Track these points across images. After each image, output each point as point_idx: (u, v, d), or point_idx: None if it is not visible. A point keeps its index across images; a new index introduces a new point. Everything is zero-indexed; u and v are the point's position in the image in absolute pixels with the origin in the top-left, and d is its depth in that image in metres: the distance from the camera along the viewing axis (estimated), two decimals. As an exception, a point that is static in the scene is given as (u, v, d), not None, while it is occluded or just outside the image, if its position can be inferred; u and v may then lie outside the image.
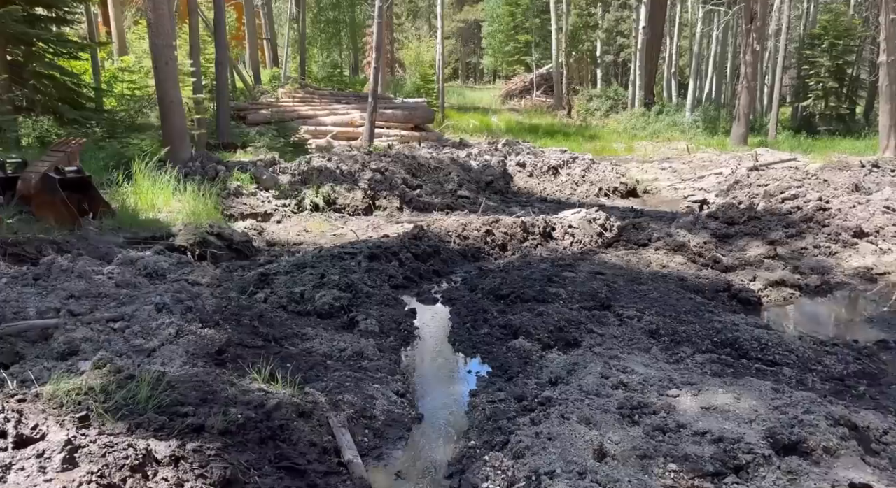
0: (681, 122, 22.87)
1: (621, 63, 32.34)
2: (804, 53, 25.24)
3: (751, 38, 19.56)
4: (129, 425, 2.60)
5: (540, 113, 27.48)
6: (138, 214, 7.47)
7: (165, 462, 2.34)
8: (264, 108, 17.10)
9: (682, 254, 6.66)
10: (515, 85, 33.54)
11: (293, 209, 8.88)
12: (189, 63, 12.36)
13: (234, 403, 2.97)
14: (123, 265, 5.11)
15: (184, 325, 3.77)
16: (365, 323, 4.65)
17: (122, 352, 3.41)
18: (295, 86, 21.36)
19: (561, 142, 17.94)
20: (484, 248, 7.04)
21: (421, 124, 18.07)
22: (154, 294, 4.25)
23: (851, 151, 17.29)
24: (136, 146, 9.97)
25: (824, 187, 8.92)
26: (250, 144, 13.59)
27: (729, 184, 11.51)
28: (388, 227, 8.17)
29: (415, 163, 10.84)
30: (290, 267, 5.58)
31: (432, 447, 3.30)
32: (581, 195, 11.51)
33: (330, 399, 3.37)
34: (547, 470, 2.66)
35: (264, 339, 4.10)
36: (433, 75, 24.65)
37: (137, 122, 12.33)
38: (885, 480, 2.53)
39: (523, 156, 13.03)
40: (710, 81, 26.84)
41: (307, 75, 25.42)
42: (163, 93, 9.67)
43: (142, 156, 8.63)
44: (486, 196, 10.43)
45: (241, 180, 9.00)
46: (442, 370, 4.42)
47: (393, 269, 6.03)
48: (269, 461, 2.73)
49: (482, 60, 43.31)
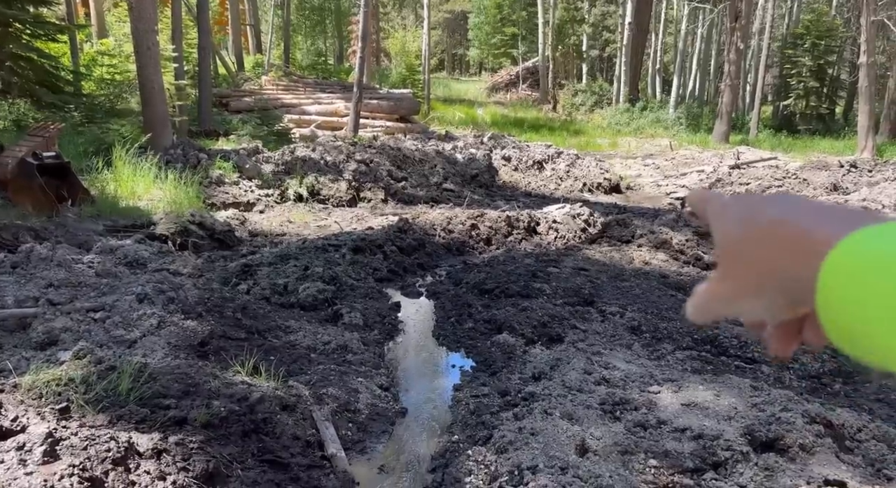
0: (664, 119, 23.06)
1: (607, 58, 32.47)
2: (786, 52, 25.56)
3: (735, 37, 19.75)
4: (110, 417, 2.58)
5: (525, 106, 27.51)
6: (118, 202, 7.35)
7: (148, 455, 2.32)
8: (247, 96, 16.89)
9: (664, 251, 6.73)
10: (501, 78, 33.51)
11: (276, 199, 8.80)
12: (171, 48, 12.15)
13: (217, 396, 2.95)
14: (103, 254, 5.03)
15: (166, 316, 3.73)
16: (349, 316, 4.64)
17: (103, 342, 3.36)
18: (279, 73, 21.12)
19: (546, 137, 17.99)
20: (469, 242, 7.04)
21: (406, 115, 17.98)
22: (135, 284, 4.19)
23: (831, 151, 17.59)
24: (117, 132, 9.79)
25: (804, 187, 9.06)
26: (233, 132, 13.42)
27: (711, 182, 11.65)
28: (373, 220, 8.14)
29: (400, 154, 10.79)
30: (274, 258, 5.54)
31: (416, 441, 3.31)
32: (565, 190, 11.57)
33: (314, 392, 3.37)
34: (529, 465, 2.69)
35: (247, 332, 4.07)
36: (419, 66, 24.52)
37: (117, 108, 12.12)
38: (859, 477, 2.60)
39: (508, 151, 13.05)
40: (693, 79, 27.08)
41: (291, 63, 25.13)
42: (144, 78, 9.49)
43: (122, 143, 8.48)
44: (471, 189, 10.43)
45: (224, 169, 8.89)
46: (426, 364, 4.43)
47: (377, 262, 6.01)
48: (252, 454, 2.72)
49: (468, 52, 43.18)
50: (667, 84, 27.71)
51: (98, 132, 9.92)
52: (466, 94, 30.86)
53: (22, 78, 10.00)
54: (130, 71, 11.79)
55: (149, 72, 9.44)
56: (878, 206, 7.62)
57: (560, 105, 27.48)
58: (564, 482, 2.57)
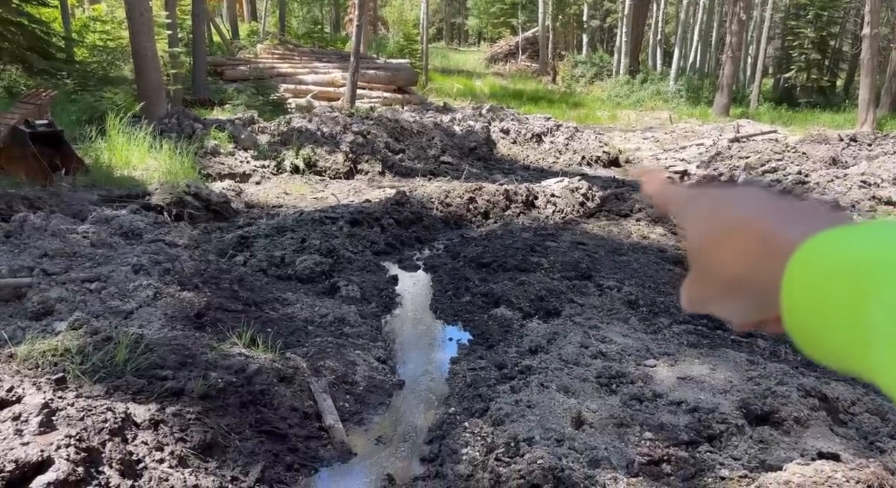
0: (664, 91, 22.80)
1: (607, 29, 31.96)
2: (789, 24, 25.19)
3: (737, 7, 19.42)
4: (107, 388, 2.57)
5: (525, 78, 27.15)
6: (112, 171, 7.27)
7: (145, 426, 2.33)
8: (242, 65, 16.61)
9: (662, 225, 6.71)
10: (500, 48, 32.98)
11: (272, 170, 8.72)
12: (164, 14, 11.88)
13: (214, 367, 2.96)
14: (98, 224, 4.99)
15: (162, 287, 3.72)
16: (346, 289, 4.63)
17: (99, 313, 3.35)
18: (274, 42, 20.74)
19: (545, 109, 17.80)
20: (466, 216, 7.01)
21: (404, 86, 17.73)
22: (131, 254, 4.16)
23: (831, 124, 17.47)
24: (110, 100, 9.63)
25: (804, 160, 9.01)
26: (228, 102, 13.23)
27: (710, 155, 11.58)
28: (370, 192, 8.08)
29: (397, 126, 10.67)
30: (270, 230, 5.50)
31: (413, 413, 3.33)
32: (564, 163, 11.49)
33: (311, 364, 3.37)
34: (526, 437, 2.71)
35: (244, 303, 4.06)
36: (417, 35, 24.10)
37: (111, 75, 11.91)
38: (852, 450, 2.63)
39: (507, 123, 12.91)
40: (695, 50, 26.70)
41: (287, 31, 24.68)
42: (137, 45, 9.30)
43: (115, 111, 8.35)
44: (469, 162, 10.35)
45: (219, 139, 8.78)
46: (423, 337, 4.44)
47: (375, 235, 5.98)
48: (249, 425, 2.73)
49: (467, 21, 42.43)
50: (668, 56, 27.31)
51: (91, 100, 9.76)
52: (465, 64, 30.41)
53: (12, 43, 9.80)
54: (123, 37, 11.54)
55: (142, 39, 9.25)
56: (876, 180, 7.60)
57: (560, 76, 27.13)
58: (560, 454, 2.59)
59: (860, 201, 7.22)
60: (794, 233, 0.37)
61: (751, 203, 0.41)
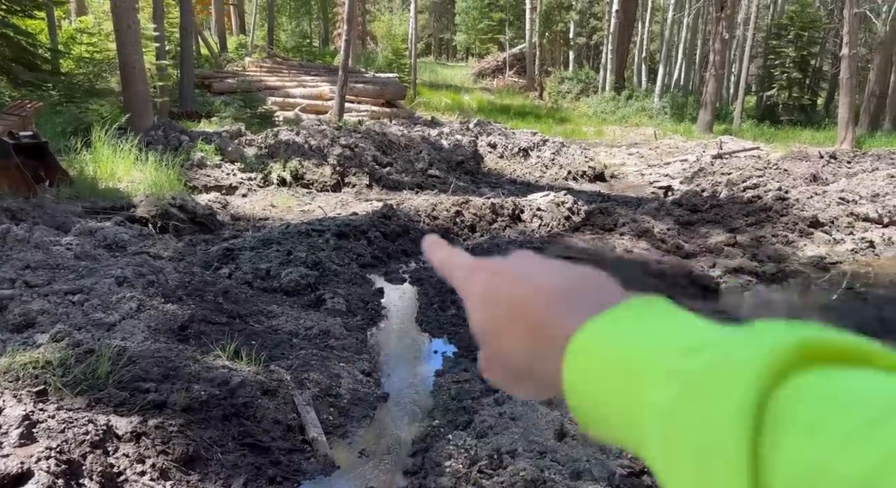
0: (649, 108, 23.15)
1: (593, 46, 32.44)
2: (770, 43, 25.72)
3: (720, 26, 19.82)
4: (88, 400, 2.56)
5: (512, 93, 27.44)
6: (97, 183, 7.23)
7: (126, 438, 2.31)
8: (230, 77, 16.64)
9: (646, 239, 6.80)
10: (488, 64, 33.34)
11: (259, 183, 8.72)
12: (152, 27, 11.90)
13: (197, 380, 2.95)
14: (82, 236, 4.96)
15: (145, 300, 3.70)
16: (332, 301, 4.63)
17: (81, 325, 3.32)
18: (262, 55, 20.81)
19: (532, 125, 17.98)
20: (453, 229, 7.05)
21: (392, 100, 17.85)
22: (114, 266, 4.14)
23: (811, 142, 17.80)
24: (96, 112, 9.61)
25: (784, 177, 9.18)
26: (215, 114, 13.23)
27: (693, 171, 11.74)
28: (357, 205, 8.10)
29: (385, 140, 10.73)
30: (256, 242, 5.50)
31: (397, 426, 3.33)
32: (550, 178, 11.60)
33: (295, 377, 3.37)
34: (509, 450, 2.73)
35: (229, 316, 4.05)
36: (405, 50, 24.31)
37: (97, 87, 11.87)
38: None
39: (494, 138, 13.03)
40: (679, 68, 27.18)
41: (275, 45, 24.77)
42: (124, 57, 9.31)
43: (101, 123, 8.33)
44: (456, 176, 10.42)
45: (206, 151, 8.78)
46: (408, 350, 4.45)
47: (361, 248, 6.00)
48: (232, 438, 2.73)
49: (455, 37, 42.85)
50: (652, 73, 27.76)
51: (77, 112, 9.73)
52: (453, 79, 30.68)
53: (-3, 55, 9.76)
54: (110, 50, 11.53)
55: (129, 51, 9.26)
56: (854, 197, 7.76)
57: (546, 92, 27.45)
58: (542, 466, 2.61)
59: (838, 217, 7.36)
60: (569, 320, 0.36)
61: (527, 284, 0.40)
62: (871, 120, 21.23)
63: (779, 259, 6.63)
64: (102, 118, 9.01)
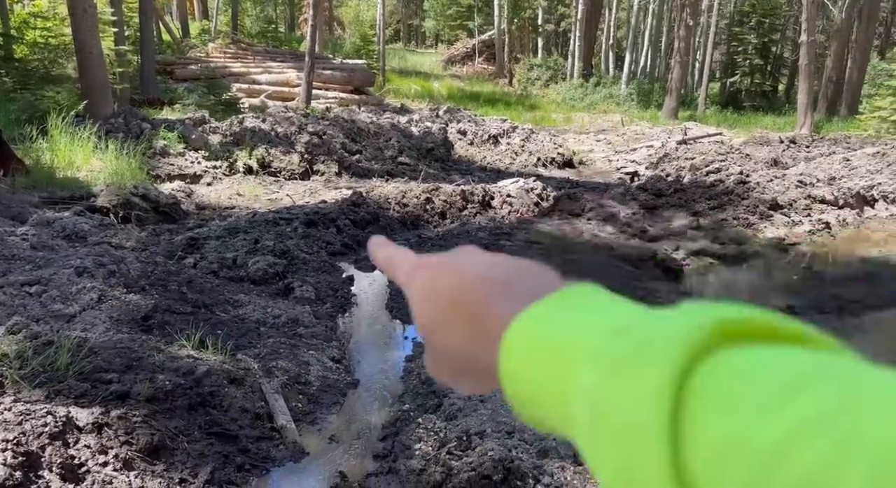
0: (617, 95, 23.36)
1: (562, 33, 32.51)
2: (734, 30, 26.16)
3: (685, 13, 20.08)
4: (47, 392, 2.50)
5: (482, 80, 27.39)
6: (55, 173, 7.01)
7: (88, 429, 2.27)
8: (193, 64, 16.24)
9: (612, 224, 6.90)
10: (458, 50, 33.19)
11: (224, 171, 8.56)
12: (110, 11, 11.53)
13: (161, 370, 2.90)
14: (39, 226, 4.81)
15: (107, 290, 3.62)
16: (301, 290, 4.59)
17: (39, 317, 3.24)
18: (226, 41, 20.35)
19: (502, 112, 18.00)
20: (423, 216, 7.04)
21: (360, 87, 17.65)
22: (74, 257, 4.04)
23: (773, 127, 18.23)
24: (52, 99, 9.28)
25: (746, 161, 9.38)
26: (178, 101, 12.91)
27: (659, 156, 11.92)
28: (326, 193, 8.02)
29: (354, 127, 10.62)
30: (222, 231, 5.41)
31: (367, 411, 3.34)
32: (520, 165, 11.65)
33: (263, 365, 3.34)
34: (478, 431, 2.76)
35: (193, 306, 3.99)
36: (373, 36, 24.04)
37: (53, 74, 11.46)
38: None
39: (464, 125, 13.01)
40: (645, 55, 27.45)
41: (240, 30, 24.23)
42: (81, 43, 8.99)
43: (58, 111, 8.05)
44: (426, 163, 10.38)
45: (168, 139, 8.57)
46: (379, 336, 4.45)
47: (331, 236, 5.96)
48: (198, 427, 2.70)
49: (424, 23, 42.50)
50: (620, 60, 27.99)
51: (32, 99, 9.38)
52: (422, 66, 30.47)
53: (-56, 40, 9.34)
54: (66, 35, 11.13)
55: (85, 36, 8.95)
56: (812, 180, 7.97)
57: (516, 79, 27.47)
58: (510, 445, 2.65)
59: (797, 200, 7.57)
60: (505, 308, 0.37)
61: (466, 276, 0.41)
62: (828, 105, 21.81)
63: (740, 241, 6.80)
64: (59, 105, 8.70)
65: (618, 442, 0.27)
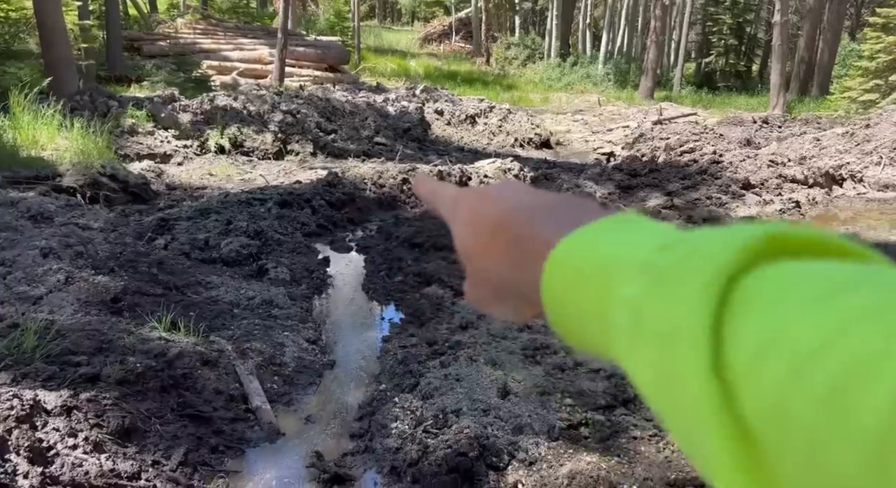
0: (594, 75, 23.35)
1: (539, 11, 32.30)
2: (709, 10, 26.25)
3: (662, -7, 20.06)
4: (13, 375, 2.45)
5: (459, 59, 27.13)
6: (17, 152, 6.78)
7: (56, 412, 2.23)
8: (162, 40, 15.77)
9: (588, 203, 6.94)
10: (434, 28, 32.78)
11: (196, 151, 8.38)
12: (72, -16, 11.10)
13: (132, 352, 2.86)
14: (3, 206, 4.67)
15: (74, 272, 3.54)
16: (275, 271, 4.54)
17: (4, 299, 3.15)
18: (196, 16, 19.80)
19: (479, 91, 17.88)
20: (400, 197, 6.99)
21: (335, 65, 17.35)
22: (39, 238, 3.93)
23: (746, 107, 18.43)
24: (14, 75, 8.96)
25: (719, 141, 9.48)
26: (146, 78, 12.56)
27: (634, 137, 11.98)
28: (301, 173, 7.91)
29: (329, 106, 10.46)
30: (193, 212, 5.31)
31: (343, 391, 3.34)
32: (497, 145, 11.61)
33: (237, 347, 3.31)
34: (454, 409, 2.78)
35: (165, 287, 3.92)
36: (348, 13, 23.58)
37: (14, 49, 11.05)
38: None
39: (441, 104, 12.90)
40: (622, 35, 27.43)
41: (210, 6, 23.57)
42: (43, 16, 8.66)
43: (20, 87, 7.77)
44: (403, 143, 10.29)
45: (137, 117, 8.35)
46: (355, 317, 4.43)
47: (306, 217, 5.89)
48: (171, 409, 2.67)
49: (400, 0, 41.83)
50: (597, 39, 27.94)
51: (-9, 75, 9.05)
52: (398, 44, 30.04)
53: None
54: (27, 8, 10.71)
55: (47, 9, 8.62)
56: (783, 160, 8.10)
57: (493, 58, 27.27)
58: (486, 423, 2.67)
59: (768, 179, 7.69)
60: (552, 229, 0.36)
61: (509, 203, 0.41)
62: (800, 85, 22.11)
63: (712, 220, 6.89)
64: (21, 82, 8.40)
65: (659, 342, 0.27)
